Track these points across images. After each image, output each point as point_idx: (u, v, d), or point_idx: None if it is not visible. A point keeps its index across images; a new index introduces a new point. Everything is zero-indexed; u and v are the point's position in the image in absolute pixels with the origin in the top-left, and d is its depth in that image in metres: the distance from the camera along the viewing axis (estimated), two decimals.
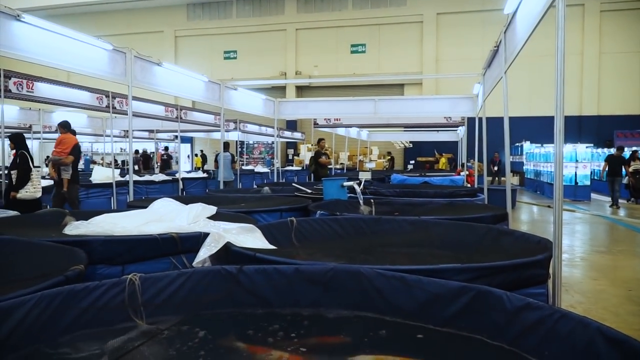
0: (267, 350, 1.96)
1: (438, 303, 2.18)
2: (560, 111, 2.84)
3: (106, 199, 9.22)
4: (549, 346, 1.78)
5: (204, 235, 3.22)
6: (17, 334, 1.88)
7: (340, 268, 2.43)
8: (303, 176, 18.16)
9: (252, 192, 8.00)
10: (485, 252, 3.41)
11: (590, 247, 7.80)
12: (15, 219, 4.57)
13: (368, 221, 4.26)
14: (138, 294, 2.24)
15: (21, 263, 2.85)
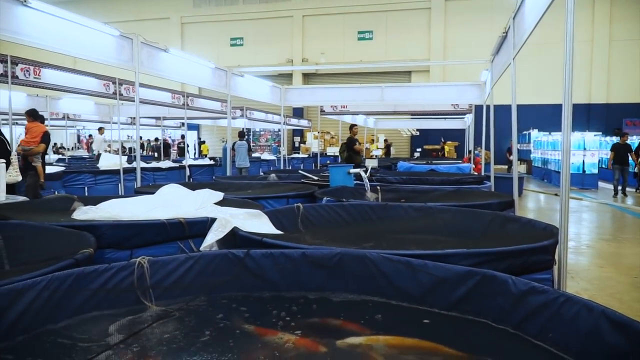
0: (274, 333, 1.98)
1: (443, 287, 2.19)
2: (568, 99, 2.82)
3: (113, 185, 9.28)
4: (554, 329, 1.79)
5: (211, 220, 3.25)
6: (28, 315, 1.91)
7: (346, 252, 2.44)
8: (309, 163, 18.18)
9: (258, 179, 8.03)
10: (492, 238, 3.42)
11: (596, 234, 7.78)
12: (24, 204, 4.62)
13: (374, 207, 4.27)
14: (147, 276, 2.27)
15: (31, 246, 2.89)
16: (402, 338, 1.92)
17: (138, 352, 1.79)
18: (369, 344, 1.85)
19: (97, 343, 1.85)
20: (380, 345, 1.86)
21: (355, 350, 1.81)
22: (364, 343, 1.85)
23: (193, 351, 1.81)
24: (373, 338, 1.88)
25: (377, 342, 1.87)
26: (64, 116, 16.22)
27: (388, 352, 1.81)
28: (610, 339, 1.58)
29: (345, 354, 1.81)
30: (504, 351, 1.91)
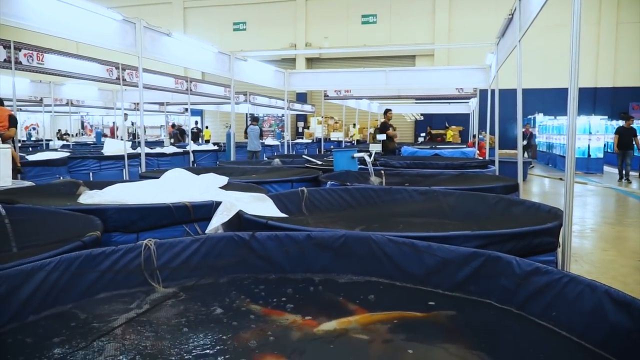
0: (280, 314, 2.01)
1: (448, 268, 2.21)
2: (574, 82, 2.81)
3: (118, 170, 9.30)
4: (557, 309, 1.81)
5: (216, 204, 3.27)
6: (38, 296, 1.94)
7: (351, 234, 2.46)
8: (313, 149, 18.16)
9: (262, 164, 8.04)
10: (496, 221, 3.43)
11: (601, 218, 7.78)
12: (31, 189, 4.64)
13: (378, 191, 4.27)
14: (154, 258, 2.30)
15: (38, 230, 2.91)
16: (369, 314, 1.95)
17: (145, 331, 1.82)
18: (344, 327, 1.85)
19: (105, 323, 1.88)
20: (355, 326, 1.87)
21: (334, 334, 1.81)
22: (339, 327, 1.85)
23: (199, 331, 1.83)
24: (344, 321, 1.89)
25: (350, 324, 1.88)
26: (68, 102, 16.23)
27: (366, 330, 1.84)
28: (613, 318, 1.60)
29: (341, 337, 1.83)
30: (507, 331, 1.93)
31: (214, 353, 1.64)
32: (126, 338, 1.76)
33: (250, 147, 12.84)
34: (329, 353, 1.71)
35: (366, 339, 1.81)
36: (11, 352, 1.65)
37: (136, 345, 1.71)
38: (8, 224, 2.98)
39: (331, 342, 1.77)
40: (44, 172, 7.62)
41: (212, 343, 1.72)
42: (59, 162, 8.22)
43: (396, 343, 1.80)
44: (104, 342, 1.72)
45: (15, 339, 1.74)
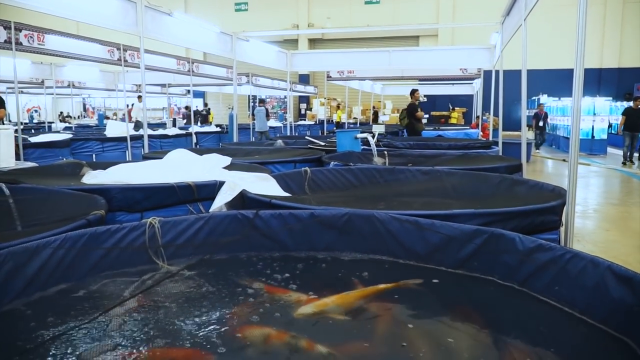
0: (284, 292, 2.02)
1: (451, 246, 2.22)
2: (580, 62, 2.78)
3: (121, 152, 9.32)
4: (560, 285, 1.81)
5: (219, 184, 3.27)
6: (44, 273, 1.96)
7: (354, 212, 2.46)
8: (316, 130, 18.11)
9: (265, 145, 8.03)
10: (499, 200, 3.43)
11: (604, 199, 7.78)
12: (34, 169, 4.66)
13: (382, 171, 4.27)
14: (158, 236, 2.31)
15: (42, 209, 2.93)
16: (345, 294, 1.95)
17: (149, 307, 1.83)
18: (322, 309, 1.84)
19: (111, 300, 1.89)
20: (333, 307, 1.86)
21: (314, 318, 1.80)
22: (317, 310, 1.83)
23: (203, 307, 1.85)
24: (320, 303, 1.88)
25: (327, 305, 1.87)
26: (69, 84, 16.17)
27: (344, 310, 1.83)
28: (615, 293, 1.61)
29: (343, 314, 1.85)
30: (509, 307, 1.94)
31: (215, 330, 1.65)
32: (130, 314, 1.78)
33: (258, 127, 13.44)
34: (333, 328, 1.73)
35: (368, 313, 1.83)
36: (18, 327, 1.67)
37: (140, 320, 1.73)
38: (12, 203, 2.99)
39: (332, 318, 1.78)
40: (46, 154, 7.64)
41: (214, 320, 1.73)
42: (61, 143, 8.23)
43: (395, 318, 1.81)
44: (109, 317, 1.74)
45: (22, 315, 1.76)
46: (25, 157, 7.00)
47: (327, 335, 1.68)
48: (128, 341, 1.57)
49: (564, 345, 1.62)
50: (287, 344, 1.58)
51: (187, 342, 1.58)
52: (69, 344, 1.56)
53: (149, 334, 1.63)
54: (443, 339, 1.64)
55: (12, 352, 1.49)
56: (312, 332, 1.68)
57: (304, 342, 1.57)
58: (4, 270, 1.79)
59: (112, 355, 1.48)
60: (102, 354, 1.48)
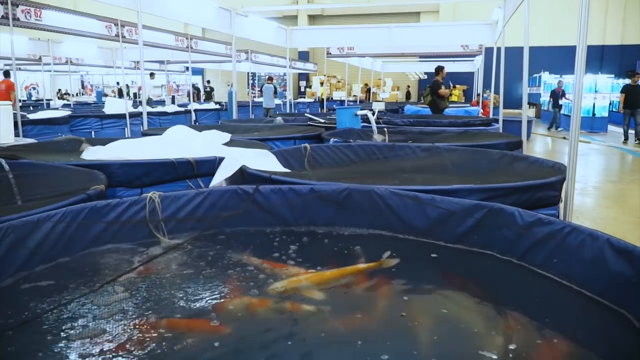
0: (284, 266, 2.03)
1: (450, 220, 2.22)
2: (583, 38, 2.76)
3: (120, 129, 9.29)
4: (558, 258, 1.83)
5: (219, 159, 3.27)
6: (45, 247, 1.97)
7: (354, 187, 2.46)
8: (315, 108, 18.02)
9: (265, 122, 8.00)
10: (499, 176, 3.43)
11: (603, 177, 7.79)
12: (33, 145, 4.64)
13: (381, 148, 4.26)
14: (158, 211, 2.31)
15: (42, 185, 2.93)
16: (321, 273, 1.94)
17: (149, 280, 1.85)
18: (295, 286, 1.83)
19: (112, 272, 1.91)
20: (307, 284, 1.85)
21: (286, 294, 1.78)
22: (289, 287, 1.81)
23: (202, 280, 1.86)
24: (294, 280, 1.88)
25: (300, 282, 1.86)
26: (67, 61, 16.03)
27: (317, 288, 1.82)
28: (613, 266, 1.62)
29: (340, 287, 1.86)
30: (507, 281, 1.96)
31: (212, 303, 1.67)
32: (131, 286, 1.80)
33: (265, 104, 14.03)
34: (334, 300, 1.74)
35: (365, 287, 1.85)
36: (21, 298, 1.69)
37: (140, 292, 1.75)
38: (12, 179, 2.99)
39: (333, 291, 1.80)
40: (45, 131, 7.62)
41: (211, 293, 1.75)
42: (60, 120, 8.20)
43: (394, 290, 1.82)
44: (109, 289, 1.76)
45: (25, 287, 1.77)
46: (24, 133, 6.98)
47: (328, 306, 1.70)
48: (128, 313, 1.59)
49: (562, 317, 1.64)
50: (282, 310, 1.60)
51: (185, 313, 1.60)
52: (70, 315, 1.58)
53: (149, 306, 1.64)
54: (440, 310, 1.66)
55: (15, 323, 1.51)
56: (315, 304, 1.69)
57: (304, 307, 1.59)
58: (5, 243, 1.80)
59: (113, 325, 1.50)
60: (104, 325, 1.50)
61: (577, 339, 1.49)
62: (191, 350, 1.38)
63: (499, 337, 1.48)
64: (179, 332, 1.49)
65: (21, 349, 1.40)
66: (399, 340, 1.48)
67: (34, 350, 1.39)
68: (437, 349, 1.43)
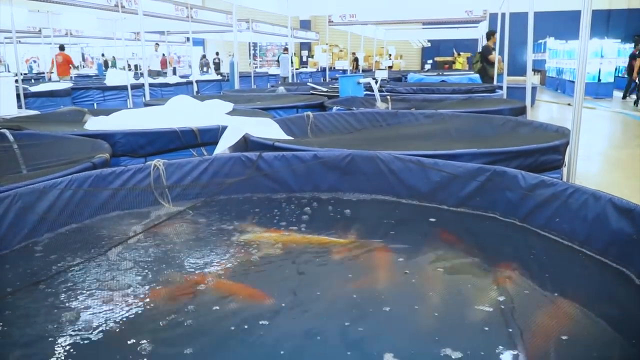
0: (288, 232, 2.05)
1: (454, 184, 2.23)
2: (588, 1, 2.71)
3: (122, 101, 9.24)
4: (560, 218, 1.84)
5: (222, 128, 3.27)
6: (52, 214, 1.99)
7: (357, 153, 2.47)
8: (317, 77, 17.86)
9: (267, 92, 7.95)
10: (503, 141, 3.41)
11: (607, 142, 7.75)
12: (36, 117, 4.64)
13: (385, 115, 4.25)
14: (163, 178, 2.33)
15: (47, 154, 2.93)
16: (287, 235, 1.99)
17: (153, 246, 1.88)
18: (259, 240, 1.92)
19: (117, 238, 1.94)
20: (269, 242, 1.92)
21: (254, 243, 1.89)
22: (254, 239, 1.92)
23: (206, 246, 1.89)
24: (261, 236, 1.95)
25: (263, 238, 1.94)
26: (67, 33, 15.84)
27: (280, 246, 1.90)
28: (615, 225, 1.63)
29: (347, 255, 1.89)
30: (510, 242, 1.98)
31: (215, 268, 1.70)
32: (136, 250, 1.84)
33: (282, 73, 15.20)
34: (338, 263, 1.77)
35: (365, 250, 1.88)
36: (30, 263, 1.73)
37: (145, 256, 1.79)
38: (16, 149, 3.01)
39: (340, 261, 1.81)
40: (47, 103, 7.59)
41: (214, 259, 1.78)
42: (62, 92, 8.17)
43: (395, 261, 1.84)
44: (115, 253, 1.79)
45: (34, 252, 1.81)
46: (26, 106, 6.97)
47: (332, 268, 1.73)
48: (132, 276, 1.64)
49: (563, 275, 1.66)
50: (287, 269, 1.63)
51: (188, 275, 1.63)
52: (77, 277, 1.62)
53: (153, 269, 1.69)
54: (441, 269, 1.69)
55: (25, 284, 1.55)
56: (320, 270, 1.73)
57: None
58: (14, 210, 1.83)
59: (117, 287, 1.55)
60: (109, 286, 1.55)
61: (578, 297, 1.52)
62: (192, 306, 1.42)
63: (496, 292, 1.51)
64: (181, 294, 1.53)
65: (31, 309, 1.44)
66: (400, 295, 1.52)
67: (44, 310, 1.43)
68: (437, 304, 1.47)
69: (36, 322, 1.36)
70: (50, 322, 1.35)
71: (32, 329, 1.33)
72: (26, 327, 1.34)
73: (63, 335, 1.29)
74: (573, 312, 1.44)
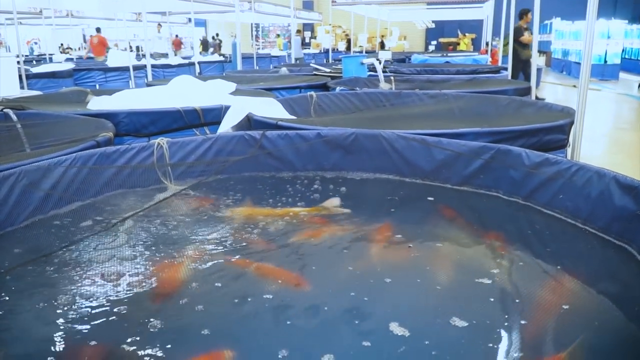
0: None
1: (457, 163, 2.23)
2: None
3: (124, 82, 9.20)
4: (564, 196, 1.84)
5: (225, 108, 3.26)
6: (57, 191, 2.00)
7: (361, 132, 2.47)
8: (320, 58, 17.74)
9: (270, 73, 7.90)
10: (507, 121, 3.40)
11: (612, 124, 7.71)
12: (39, 97, 4.63)
13: (388, 95, 4.23)
14: (166, 157, 2.34)
15: (51, 133, 2.93)
16: (253, 209, 2.05)
17: (156, 223, 1.89)
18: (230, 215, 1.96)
19: (120, 215, 1.95)
20: (236, 216, 1.97)
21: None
22: (252, 214, 1.97)
23: (209, 224, 1.90)
24: (263, 212, 2.00)
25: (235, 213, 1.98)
26: (68, 13, 15.73)
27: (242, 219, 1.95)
28: (618, 202, 1.63)
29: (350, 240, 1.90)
30: (513, 220, 1.98)
31: (218, 246, 1.71)
32: (138, 227, 1.85)
33: (295, 54, 15.20)
34: (341, 235, 1.78)
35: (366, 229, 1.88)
36: (37, 238, 1.75)
37: (147, 232, 1.81)
38: (20, 128, 3.01)
39: (339, 243, 1.82)
40: (49, 84, 7.57)
41: (217, 237, 1.79)
42: (64, 73, 8.15)
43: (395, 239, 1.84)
44: (118, 229, 1.81)
45: (40, 228, 1.83)
46: (29, 87, 6.95)
47: (336, 243, 1.74)
48: (135, 250, 1.66)
49: (565, 252, 1.67)
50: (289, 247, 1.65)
51: (190, 252, 1.65)
52: (82, 251, 1.65)
53: (153, 245, 1.71)
54: (444, 246, 1.70)
55: (32, 258, 1.57)
56: (325, 246, 1.74)
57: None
58: (19, 187, 1.84)
59: (121, 261, 1.58)
60: (112, 260, 1.57)
61: (580, 272, 1.52)
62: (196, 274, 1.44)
63: (499, 267, 1.52)
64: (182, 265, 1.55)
65: (38, 280, 1.47)
66: (404, 268, 1.54)
67: (51, 281, 1.46)
68: (442, 276, 1.50)
69: (43, 294, 1.38)
70: (58, 294, 1.38)
71: (39, 300, 1.35)
72: (32, 298, 1.37)
73: (71, 308, 1.31)
74: (575, 286, 1.45)
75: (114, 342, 1.17)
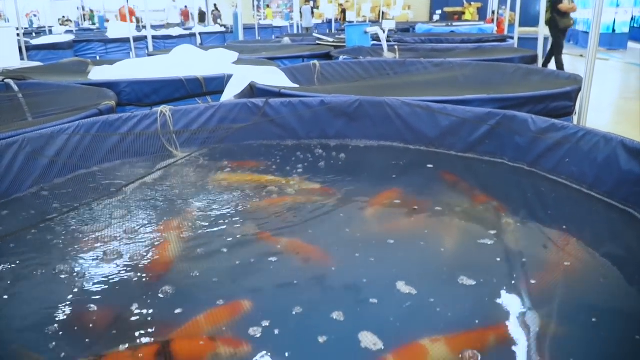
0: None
1: (462, 129, 2.21)
2: None
3: (124, 53, 9.10)
4: (570, 161, 1.83)
5: (228, 77, 3.22)
6: (61, 159, 2.00)
7: (365, 99, 2.45)
8: (323, 29, 17.49)
9: (272, 42, 7.80)
10: (514, 89, 3.36)
11: (618, 94, 7.62)
12: (39, 68, 4.59)
13: (392, 64, 4.17)
14: (170, 124, 2.32)
15: (52, 103, 2.92)
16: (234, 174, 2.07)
17: (160, 188, 1.90)
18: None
19: (124, 181, 1.95)
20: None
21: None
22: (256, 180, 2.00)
23: (213, 191, 1.90)
24: (267, 178, 2.02)
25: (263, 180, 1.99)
26: None
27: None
28: (625, 166, 1.61)
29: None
30: (518, 185, 1.98)
31: (220, 212, 1.71)
32: (143, 192, 1.87)
33: (305, 24, 15.54)
34: (347, 205, 1.78)
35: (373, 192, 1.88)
36: (41, 204, 1.76)
37: (151, 198, 1.83)
38: (21, 98, 2.99)
39: (350, 200, 1.82)
40: (50, 56, 7.49)
41: (220, 203, 1.79)
42: (64, 45, 8.06)
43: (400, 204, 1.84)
44: (122, 195, 1.82)
45: (44, 195, 1.84)
46: (29, 59, 6.89)
47: (342, 207, 1.74)
48: (138, 215, 1.67)
49: (570, 217, 1.67)
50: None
51: (193, 219, 1.66)
52: (86, 216, 1.67)
53: (157, 209, 1.73)
54: (449, 210, 1.70)
55: (37, 222, 1.58)
56: (331, 209, 1.74)
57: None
58: (23, 154, 1.83)
59: (123, 225, 1.59)
60: (116, 225, 1.59)
61: (585, 235, 1.52)
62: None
63: (505, 230, 1.53)
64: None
65: (43, 244, 1.49)
66: (411, 231, 1.55)
67: (55, 244, 1.49)
68: (449, 239, 1.52)
69: (51, 258, 1.40)
70: (65, 255, 1.39)
71: (47, 263, 1.37)
72: (40, 259, 1.38)
73: (79, 272, 1.32)
74: (580, 248, 1.46)
75: (123, 305, 1.18)
